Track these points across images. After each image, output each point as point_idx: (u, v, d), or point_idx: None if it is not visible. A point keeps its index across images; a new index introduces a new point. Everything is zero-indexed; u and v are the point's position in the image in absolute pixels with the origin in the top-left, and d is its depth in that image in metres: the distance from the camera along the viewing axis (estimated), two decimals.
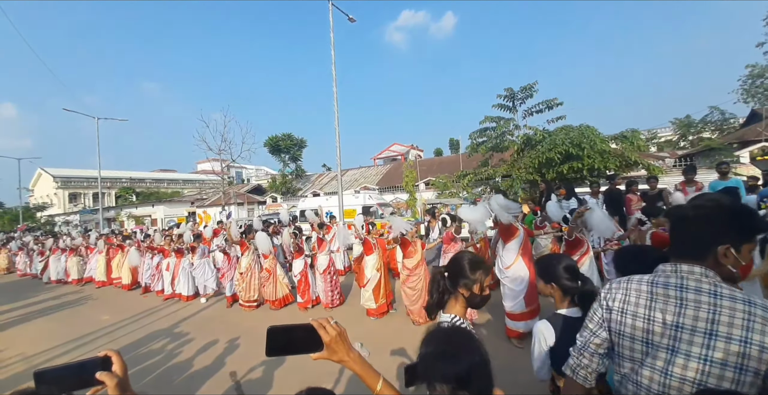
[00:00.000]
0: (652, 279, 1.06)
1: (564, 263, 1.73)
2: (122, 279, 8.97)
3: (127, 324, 6.01)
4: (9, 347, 5.25)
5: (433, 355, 0.94)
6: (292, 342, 0.88)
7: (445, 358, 0.91)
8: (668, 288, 1.02)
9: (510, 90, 12.42)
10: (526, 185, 11.61)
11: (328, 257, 6.00)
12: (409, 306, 4.85)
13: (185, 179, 48.58)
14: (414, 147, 37.33)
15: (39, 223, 31.55)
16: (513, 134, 12.72)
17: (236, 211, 23.11)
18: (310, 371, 3.61)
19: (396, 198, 18.49)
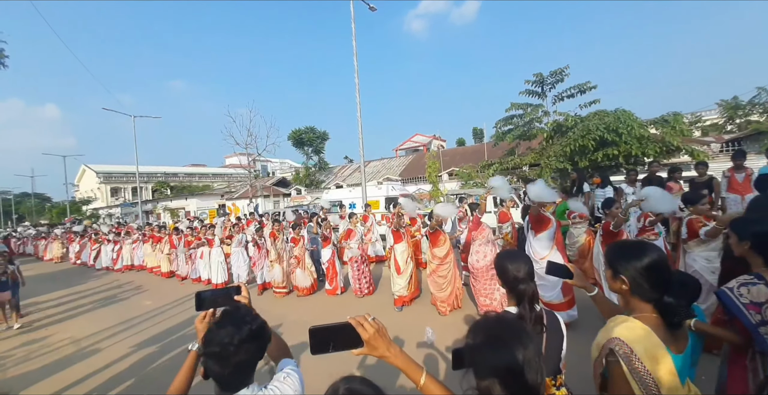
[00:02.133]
0: None
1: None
2: (161, 267, 9.54)
3: (168, 310, 6.39)
4: (60, 331, 5.71)
5: (482, 344, 0.90)
6: (333, 340, 0.93)
7: (494, 348, 0.87)
8: None
9: (539, 75, 11.84)
10: (555, 174, 11.13)
11: (357, 246, 6.07)
12: (437, 293, 4.85)
13: (215, 173, 50.48)
14: (436, 137, 36.72)
15: (84, 216, 34.02)
16: (542, 121, 12.18)
17: (263, 204, 23.83)
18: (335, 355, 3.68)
19: (419, 189, 18.33)
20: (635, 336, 1.10)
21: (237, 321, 1.05)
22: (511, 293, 1.44)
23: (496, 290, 4.45)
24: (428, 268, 5.10)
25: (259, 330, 1.07)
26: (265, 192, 25.56)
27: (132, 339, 5.01)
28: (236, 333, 1.01)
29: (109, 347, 4.82)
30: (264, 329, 1.11)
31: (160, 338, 4.99)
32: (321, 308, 5.69)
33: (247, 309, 1.15)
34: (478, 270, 4.53)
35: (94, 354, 4.63)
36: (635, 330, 1.12)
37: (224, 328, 1.03)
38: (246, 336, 1.03)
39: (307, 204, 22.01)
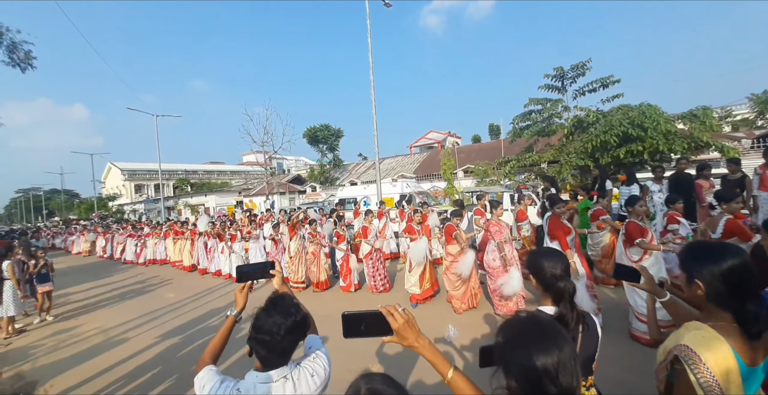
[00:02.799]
0: None
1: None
2: (183, 261, 9.84)
3: (189, 302, 6.59)
4: (88, 322, 5.97)
5: (514, 343, 0.87)
6: (364, 325, 0.98)
7: (527, 348, 0.84)
8: None
9: (559, 69, 11.50)
10: (576, 171, 10.82)
11: (373, 243, 6.07)
12: (451, 291, 4.81)
13: (232, 170, 51.59)
14: (451, 134, 36.36)
15: (110, 211, 35.44)
16: (561, 116, 11.84)
17: (279, 200, 24.20)
18: (351, 348, 3.72)
19: (433, 186, 18.21)
20: (705, 345, 1.04)
21: (283, 312, 1.15)
22: (547, 292, 1.39)
23: None
24: (443, 265, 5.06)
25: (302, 320, 1.18)
26: (280, 189, 25.94)
27: (156, 330, 5.20)
28: (283, 323, 1.11)
29: (135, 337, 5.01)
30: (306, 319, 1.21)
31: (183, 329, 5.15)
32: (336, 303, 5.74)
33: (291, 300, 1.22)
34: (494, 270, 4.45)
35: (121, 343, 4.83)
36: (706, 338, 1.06)
37: (272, 318, 1.13)
38: (291, 327, 1.13)
39: (321, 202, 22.25)
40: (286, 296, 1.24)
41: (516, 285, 4.08)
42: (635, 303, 3.63)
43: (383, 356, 3.78)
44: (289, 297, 1.23)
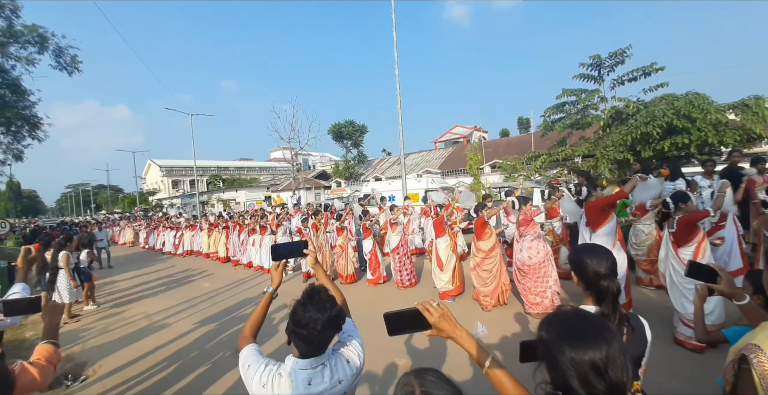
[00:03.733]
0: None
1: (594, 254, 1.32)
2: (218, 252, 10.34)
3: (224, 292, 6.92)
4: (133, 308, 6.40)
5: (560, 338, 0.84)
6: (404, 323, 1.06)
7: (574, 343, 0.81)
8: None
9: (596, 57, 10.85)
10: (613, 165, 10.22)
11: (399, 237, 6.10)
12: (481, 287, 4.72)
13: (261, 167, 53.29)
14: (477, 128, 35.49)
15: (150, 205, 37.77)
16: (597, 108, 11.21)
17: (305, 196, 24.77)
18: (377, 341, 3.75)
19: (459, 182, 17.88)
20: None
21: (320, 307, 1.18)
22: (589, 290, 1.33)
23: (549, 288, 4.22)
24: (472, 262, 4.96)
25: (337, 315, 1.21)
26: (306, 184, 26.52)
27: (194, 317, 5.50)
28: (319, 318, 1.15)
29: (175, 323, 5.33)
30: (341, 314, 1.24)
31: (218, 317, 5.42)
32: (363, 296, 5.81)
33: (326, 293, 1.25)
34: (529, 268, 4.32)
35: (163, 328, 5.15)
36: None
37: (309, 312, 1.16)
38: (327, 322, 1.16)
39: (346, 197, 22.51)
40: (322, 290, 1.26)
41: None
42: (682, 306, 3.40)
43: (411, 349, 3.79)
44: (324, 291, 1.25)
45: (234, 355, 4.00)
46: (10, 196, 47.95)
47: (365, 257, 6.49)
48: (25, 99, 17.50)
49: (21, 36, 16.22)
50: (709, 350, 3.18)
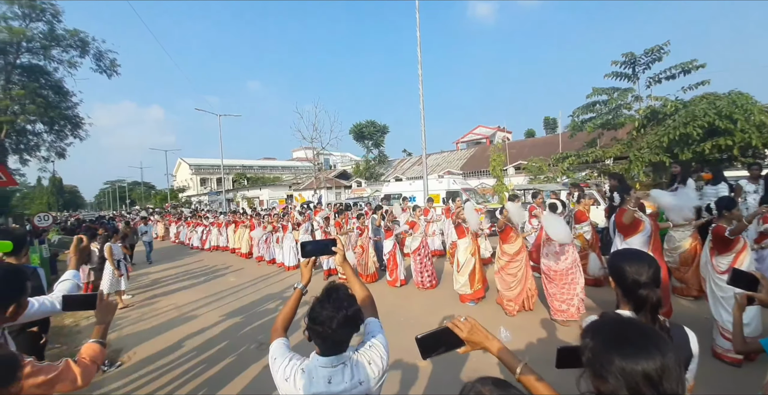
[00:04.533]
0: None
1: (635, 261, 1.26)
2: (241, 248, 10.66)
3: (248, 287, 7.13)
4: (165, 299, 6.71)
5: (609, 346, 0.80)
6: (438, 343, 1.05)
7: (625, 351, 0.77)
8: None
9: (630, 54, 10.39)
10: (648, 168, 9.74)
11: (420, 239, 6.06)
12: (505, 291, 4.60)
13: (283, 166, 54.51)
14: (501, 129, 34.72)
15: (180, 202, 39.46)
16: (631, 107, 10.73)
17: (326, 195, 25.08)
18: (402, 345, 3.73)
19: (481, 183, 17.58)
20: None
21: (336, 305, 1.17)
22: (626, 298, 1.27)
23: (576, 295, 4.07)
24: (496, 265, 4.85)
25: (354, 314, 1.19)
26: (327, 184, 26.86)
27: (221, 310, 5.70)
28: (335, 317, 1.14)
29: (203, 315, 5.54)
30: (358, 313, 1.22)
31: (243, 310, 5.58)
32: (382, 297, 5.78)
33: (345, 292, 1.24)
34: (556, 273, 4.17)
35: (192, 319, 5.37)
36: None
37: (325, 310, 1.16)
38: (343, 321, 1.15)
39: (367, 196, 22.61)
40: (341, 288, 1.26)
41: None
42: (720, 317, 3.21)
43: None
44: (344, 290, 1.25)
45: (259, 348, 4.11)
46: (53, 191, 51.40)
47: (384, 257, 6.48)
48: (67, 100, 18.78)
49: (63, 40, 17.35)
50: (747, 364, 3.04)
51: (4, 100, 15.77)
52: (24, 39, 16.05)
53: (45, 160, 19.96)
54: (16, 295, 1.35)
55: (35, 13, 16.19)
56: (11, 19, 15.76)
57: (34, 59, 17.52)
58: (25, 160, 19.03)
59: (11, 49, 16.03)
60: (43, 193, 48.86)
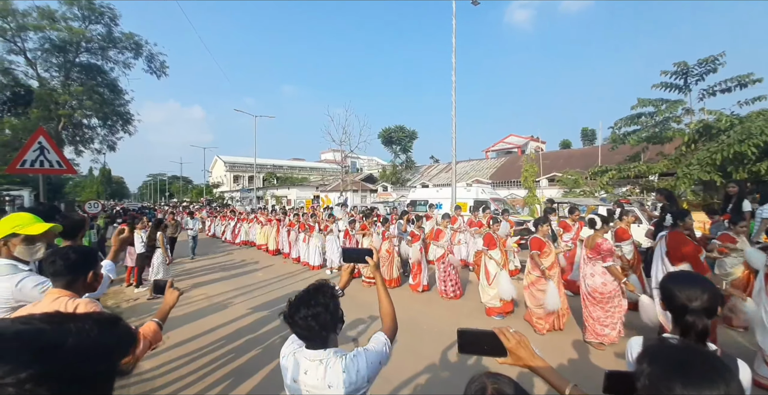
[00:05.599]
0: None
1: (690, 285, 1.21)
2: (268, 245, 10.98)
3: (274, 282, 7.31)
4: (197, 288, 7.01)
5: (669, 374, 0.77)
6: (478, 343, 1.02)
7: (688, 380, 0.74)
8: None
9: (683, 64, 9.79)
10: (697, 187, 9.08)
11: (445, 247, 5.97)
12: (535, 308, 4.40)
13: (311, 167, 55.87)
14: (534, 138, 33.75)
15: (214, 197, 41.36)
16: (681, 121, 10.09)
17: (351, 197, 25.37)
18: (424, 352, 3.66)
19: (511, 194, 17.10)
20: None
21: (307, 304, 1.24)
22: (675, 322, 1.24)
23: (620, 321, 3.83)
24: (525, 280, 4.66)
25: (321, 315, 1.22)
26: (353, 186, 27.17)
27: (249, 303, 5.89)
28: (305, 314, 1.22)
29: (232, 307, 5.75)
30: (332, 315, 1.26)
31: (269, 305, 5.73)
32: (404, 302, 5.73)
33: (324, 293, 1.28)
34: (602, 296, 3.92)
35: (222, 309, 5.58)
36: None
37: (300, 305, 1.25)
38: (313, 318, 1.21)
39: (392, 201, 22.64)
40: (326, 288, 1.31)
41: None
42: (765, 344, 3.03)
43: (451, 361, 3.67)
44: (326, 290, 1.29)
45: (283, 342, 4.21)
46: (102, 181, 55.57)
47: (408, 261, 6.46)
48: (120, 97, 20.32)
49: (119, 42, 18.86)
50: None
51: (63, 94, 17.25)
52: (83, 39, 17.54)
53: (97, 151, 21.59)
54: (92, 265, 1.57)
55: (94, 15, 17.67)
56: (71, 20, 17.27)
57: (92, 59, 19.10)
58: (79, 151, 20.68)
59: (71, 48, 17.52)
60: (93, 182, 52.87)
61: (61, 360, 0.42)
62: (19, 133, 16.03)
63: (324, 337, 1.25)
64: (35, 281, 1.68)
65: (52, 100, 16.81)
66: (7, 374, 0.37)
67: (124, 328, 0.52)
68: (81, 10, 17.31)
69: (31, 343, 0.42)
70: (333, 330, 1.28)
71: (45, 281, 1.67)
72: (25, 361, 0.39)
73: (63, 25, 16.89)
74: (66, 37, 16.88)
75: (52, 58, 17.71)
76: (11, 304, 1.64)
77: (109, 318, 0.52)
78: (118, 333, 0.50)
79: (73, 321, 0.47)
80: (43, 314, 0.48)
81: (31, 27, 16.17)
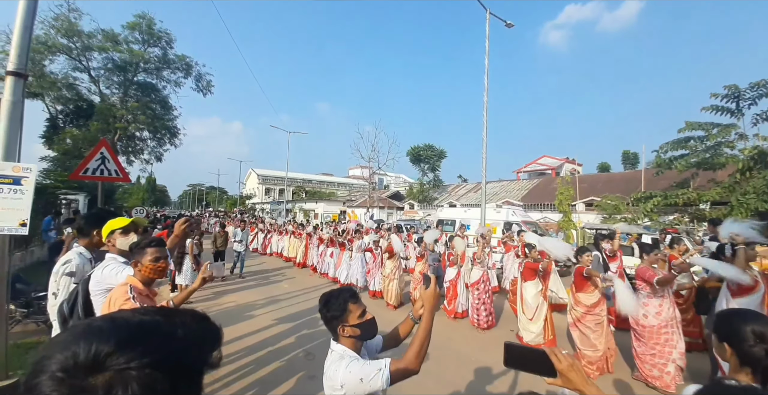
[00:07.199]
0: None
1: (758, 323, 1.14)
2: (296, 257, 11.14)
3: (300, 295, 7.35)
4: (227, 296, 7.19)
5: None
6: (526, 359, 1.00)
7: None
8: None
9: (733, 87, 9.23)
10: (754, 217, 8.28)
11: (482, 272, 5.64)
12: (587, 351, 3.91)
13: (339, 182, 57.00)
14: (570, 160, 32.62)
15: (247, 208, 43.03)
16: (734, 146, 9.39)
17: (377, 214, 25.45)
18: (447, 378, 3.48)
19: (544, 217, 16.41)
20: None
21: (322, 301, 1.55)
22: (745, 365, 1.14)
23: (671, 361, 3.43)
24: (570, 316, 4.21)
25: (327, 313, 1.50)
26: (380, 203, 27.29)
27: (275, 314, 5.93)
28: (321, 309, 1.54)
29: (259, 316, 5.81)
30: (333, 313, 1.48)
31: (295, 317, 5.73)
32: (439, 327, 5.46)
33: (335, 300, 1.51)
34: (644, 329, 3.57)
35: (249, 318, 5.65)
36: None
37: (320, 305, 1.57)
38: (322, 311, 1.53)
39: (419, 220, 22.43)
40: (334, 297, 1.52)
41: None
42: None
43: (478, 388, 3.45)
44: (336, 298, 1.50)
45: (306, 357, 4.16)
46: (148, 189, 59.62)
47: (444, 284, 6.18)
48: (170, 113, 22.09)
49: (173, 63, 20.73)
50: None
51: (121, 109, 19.05)
52: (142, 60, 19.45)
53: (146, 162, 23.32)
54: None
55: (153, 39, 19.65)
56: (132, 43, 19.29)
57: (148, 78, 21.07)
58: (130, 161, 22.41)
59: (131, 68, 19.49)
60: (140, 189, 56.78)
61: (173, 348, 0.46)
62: (79, 142, 17.65)
63: (332, 332, 1.49)
64: (114, 269, 2.08)
65: (110, 114, 18.56)
66: (132, 359, 0.41)
67: (214, 324, 0.56)
68: (142, 35, 19.31)
69: (152, 332, 0.47)
70: (331, 329, 1.49)
71: (124, 269, 2.06)
72: (146, 349, 0.43)
73: (125, 48, 18.86)
74: (127, 58, 18.82)
75: (113, 77, 19.71)
76: (105, 287, 2.03)
77: (201, 315, 0.56)
78: (210, 328, 0.55)
79: (178, 315, 0.52)
80: (155, 307, 0.54)
81: (96, 48, 18.15)
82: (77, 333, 0.44)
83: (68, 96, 18.76)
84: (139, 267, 1.89)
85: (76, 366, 0.40)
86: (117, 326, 0.45)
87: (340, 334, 1.45)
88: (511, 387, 3.57)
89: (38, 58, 16.01)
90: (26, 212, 2.83)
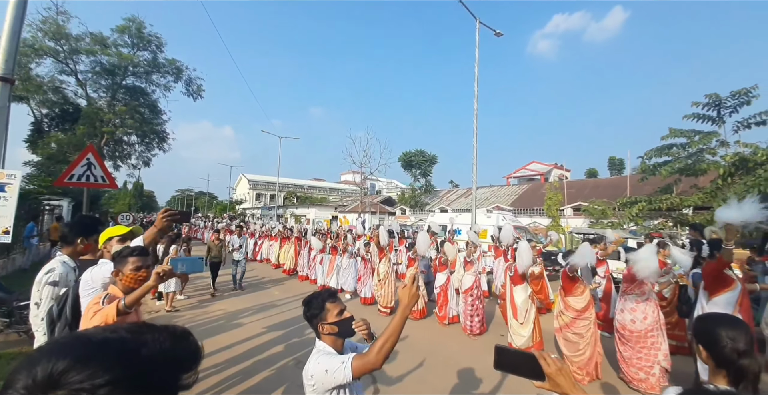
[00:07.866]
0: None
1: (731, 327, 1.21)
2: (285, 264, 11.02)
3: (291, 302, 7.26)
4: (216, 303, 7.08)
5: None
6: (516, 362, 1.01)
7: None
8: None
9: (714, 96, 9.59)
10: None
11: (474, 277, 5.64)
12: (573, 356, 3.95)
13: (331, 187, 56.83)
14: (558, 166, 33.18)
15: (237, 213, 42.50)
16: (716, 153, 9.71)
17: (369, 219, 25.42)
18: (440, 385, 3.47)
19: (534, 222, 16.62)
20: None
21: (305, 301, 1.65)
22: (722, 368, 1.19)
23: (657, 363, 3.51)
24: (557, 322, 4.23)
25: (308, 312, 1.62)
26: (372, 208, 27.29)
27: (264, 321, 5.85)
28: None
29: (248, 324, 5.73)
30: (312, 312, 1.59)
31: (285, 325, 5.67)
32: (429, 334, 5.47)
33: (315, 301, 1.61)
34: (631, 334, 3.64)
35: (238, 327, 5.56)
36: None
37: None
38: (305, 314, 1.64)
39: (410, 225, 22.47)
40: (314, 299, 1.62)
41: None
42: None
43: None
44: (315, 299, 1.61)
45: (297, 366, 4.11)
46: (135, 194, 58.41)
47: (435, 290, 6.17)
48: (159, 117, 21.77)
49: (162, 67, 20.48)
50: None
51: (108, 113, 18.66)
52: (131, 64, 19.15)
53: (133, 167, 22.87)
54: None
55: (143, 43, 19.40)
56: (122, 46, 18.99)
57: (137, 81, 20.72)
58: (117, 166, 21.94)
59: (119, 71, 19.12)
60: (126, 195, 55.61)
61: (134, 367, 0.44)
62: (65, 147, 17.24)
63: (313, 328, 1.61)
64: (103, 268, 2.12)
65: (97, 117, 18.14)
66: (85, 379, 0.40)
67: (193, 343, 0.53)
68: (131, 38, 19.08)
69: (114, 350, 0.44)
70: (311, 323, 1.60)
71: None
72: (104, 367, 0.41)
73: (113, 51, 18.58)
74: (115, 62, 18.51)
75: (101, 80, 19.32)
76: (94, 287, 2.06)
77: (182, 331, 0.53)
78: (188, 347, 0.52)
79: (151, 332, 0.49)
80: (128, 324, 0.51)
81: (83, 51, 17.74)
82: (45, 350, 0.43)
83: (54, 99, 18.39)
84: (120, 277, 1.83)
85: (34, 384, 0.40)
86: (78, 343, 0.44)
87: (321, 332, 1.55)
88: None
89: (24, 61, 15.69)
90: (9, 219, 2.77)
